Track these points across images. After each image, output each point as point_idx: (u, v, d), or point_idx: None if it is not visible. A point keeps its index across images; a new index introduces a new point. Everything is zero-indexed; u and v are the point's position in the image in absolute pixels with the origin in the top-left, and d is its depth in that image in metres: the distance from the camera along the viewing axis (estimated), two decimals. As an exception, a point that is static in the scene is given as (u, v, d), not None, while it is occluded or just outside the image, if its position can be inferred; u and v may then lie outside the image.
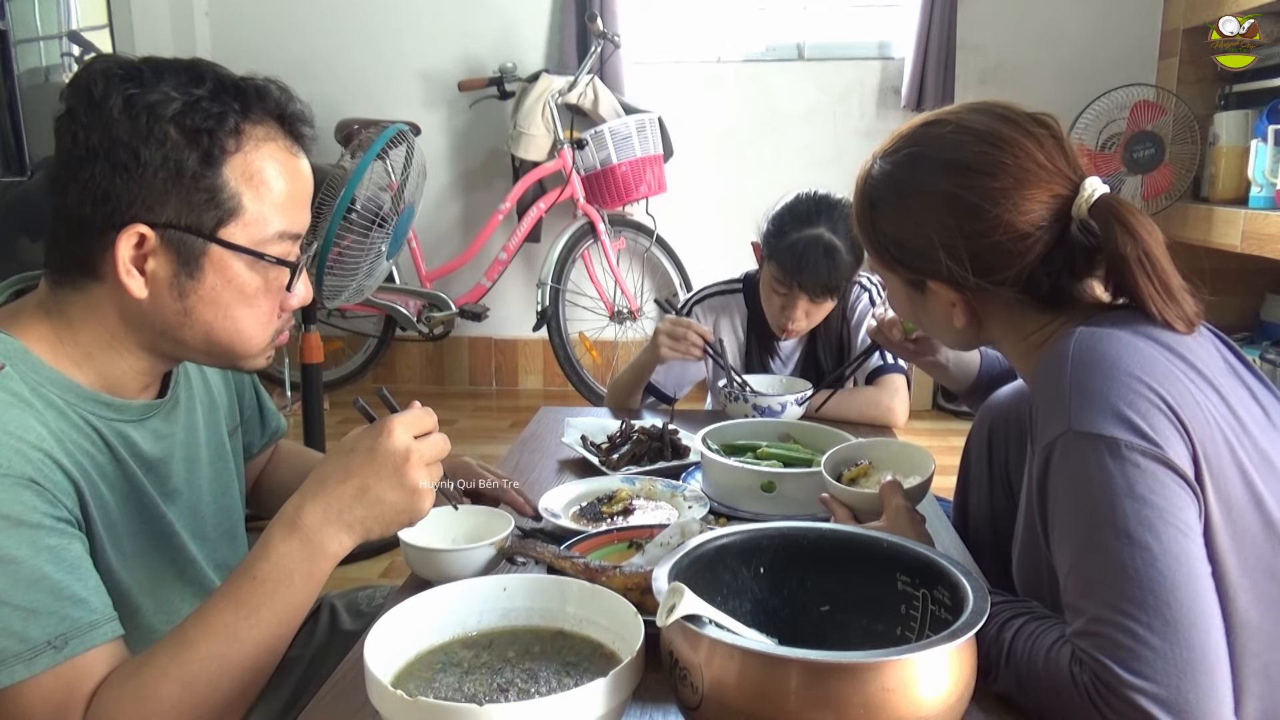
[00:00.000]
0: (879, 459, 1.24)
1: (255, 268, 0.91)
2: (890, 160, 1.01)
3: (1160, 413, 0.83)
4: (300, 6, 3.99)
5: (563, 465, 1.51)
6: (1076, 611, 0.81)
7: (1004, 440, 1.24)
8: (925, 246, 0.97)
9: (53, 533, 0.82)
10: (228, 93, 0.88)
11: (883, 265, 1.05)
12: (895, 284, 1.06)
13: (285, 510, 0.86)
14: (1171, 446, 0.82)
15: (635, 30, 3.89)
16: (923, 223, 0.97)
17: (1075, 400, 0.85)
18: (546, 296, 3.59)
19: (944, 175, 0.95)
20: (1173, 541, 0.79)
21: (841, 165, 4.09)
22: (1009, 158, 0.93)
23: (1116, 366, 0.85)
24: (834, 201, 1.78)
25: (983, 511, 1.27)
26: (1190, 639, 0.76)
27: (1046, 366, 0.90)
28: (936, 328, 1.08)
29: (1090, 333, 0.89)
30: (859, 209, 1.05)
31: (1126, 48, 3.70)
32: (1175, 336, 0.92)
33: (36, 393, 0.87)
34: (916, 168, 0.99)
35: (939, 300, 1.01)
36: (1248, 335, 3.45)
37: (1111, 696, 0.75)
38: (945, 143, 0.97)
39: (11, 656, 0.78)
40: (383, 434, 0.86)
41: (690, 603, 0.70)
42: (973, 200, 0.93)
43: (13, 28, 2.67)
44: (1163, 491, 0.80)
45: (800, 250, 1.71)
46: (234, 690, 0.83)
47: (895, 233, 1.01)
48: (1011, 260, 0.94)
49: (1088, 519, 0.82)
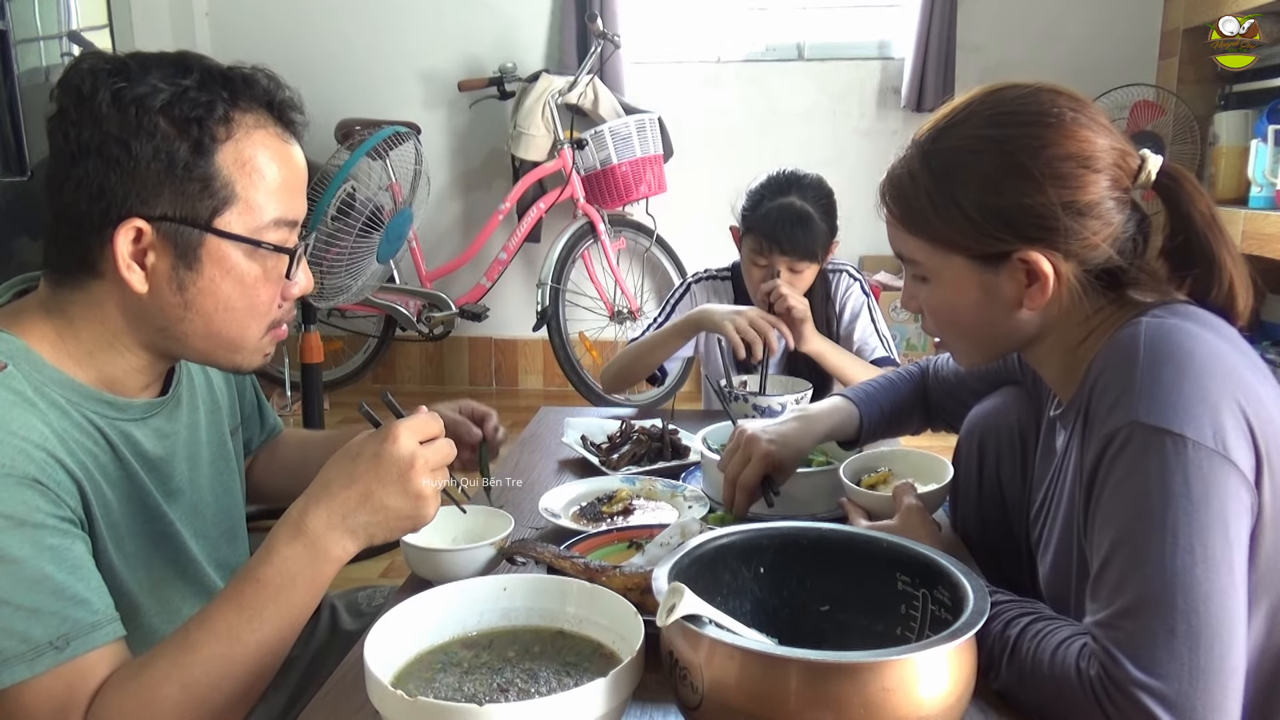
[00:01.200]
0: (899, 467, 1.26)
1: (253, 256, 0.91)
2: (972, 125, 0.93)
3: (1232, 413, 0.80)
4: (300, 6, 3.99)
5: (563, 465, 1.52)
6: (1101, 601, 0.79)
7: (995, 452, 1.23)
8: (1035, 206, 0.88)
9: (55, 533, 0.82)
10: (215, 81, 0.88)
11: (948, 242, 0.93)
12: (950, 269, 0.94)
13: (290, 514, 0.86)
14: (1238, 449, 0.79)
15: (635, 30, 3.89)
16: (1034, 179, 0.88)
17: (1146, 391, 0.82)
18: (546, 296, 3.59)
19: (1043, 127, 0.89)
20: (1217, 549, 0.77)
21: (841, 165, 4.08)
22: (1099, 118, 0.91)
23: (1191, 360, 0.82)
24: (802, 175, 1.87)
25: (972, 522, 1.27)
26: (1211, 649, 0.74)
27: (1114, 355, 0.87)
28: (987, 322, 0.96)
29: (1159, 323, 0.86)
30: (914, 191, 0.94)
31: (1126, 48, 3.70)
32: (1233, 331, 0.90)
33: (39, 392, 0.87)
34: (1009, 122, 0.91)
35: (1013, 278, 0.92)
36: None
37: (1116, 692, 0.74)
38: (1030, 100, 0.91)
39: (13, 656, 0.78)
40: (388, 440, 0.86)
41: (690, 603, 0.70)
42: (1078, 150, 0.88)
43: (13, 28, 2.67)
44: (1220, 496, 0.78)
45: (774, 216, 1.78)
46: (235, 692, 0.83)
47: (983, 198, 0.90)
48: (1113, 219, 0.90)
49: (1136, 512, 0.80)
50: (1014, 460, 1.20)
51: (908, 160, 0.96)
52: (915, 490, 1.09)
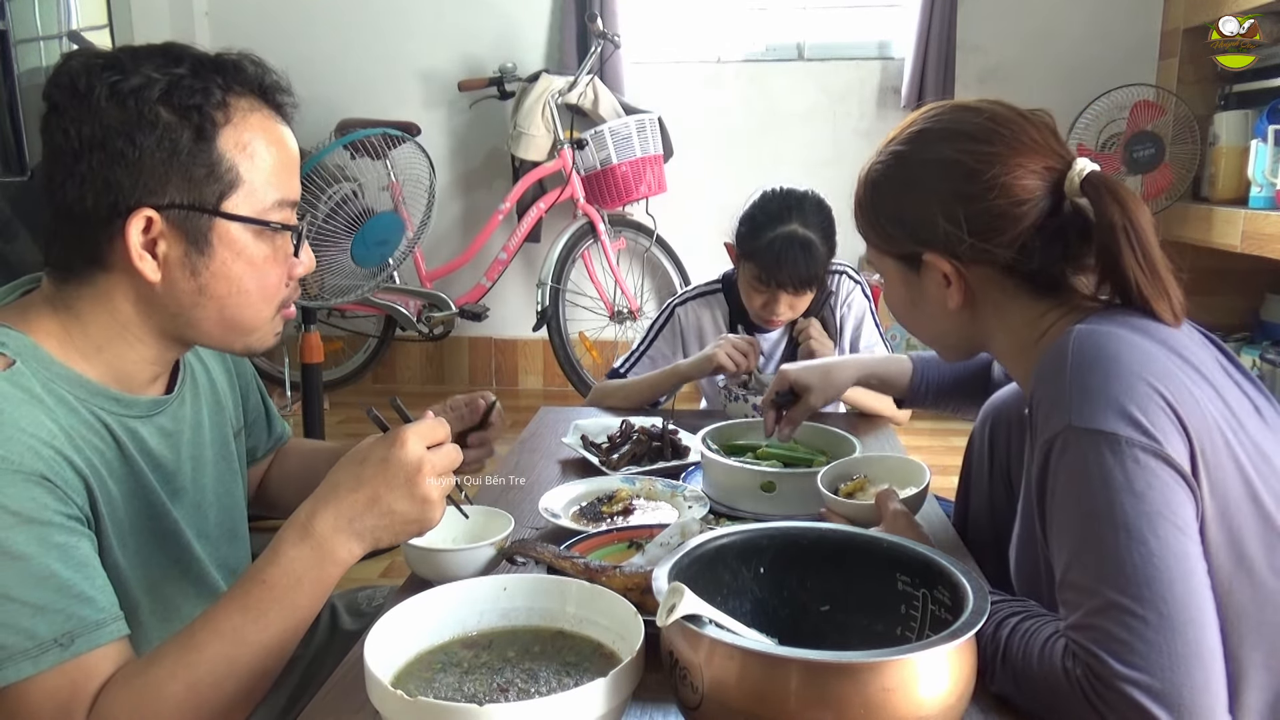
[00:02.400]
0: (875, 473, 1.25)
1: (262, 236, 0.93)
2: (895, 143, 1.05)
3: (1160, 409, 0.83)
4: (300, 6, 3.99)
5: (563, 465, 1.52)
6: (1072, 605, 0.81)
7: (1005, 440, 1.24)
8: (924, 215, 0.99)
9: (62, 530, 0.82)
10: (207, 68, 0.89)
11: (880, 248, 1.06)
12: (892, 271, 1.07)
13: (297, 516, 0.87)
14: (1171, 443, 0.82)
15: (635, 30, 3.89)
16: (922, 189, 1.00)
17: (1076, 396, 0.85)
18: (546, 296, 3.59)
19: (944, 143, 1.00)
20: (1170, 537, 0.79)
21: (841, 165, 4.09)
22: (1004, 129, 0.97)
23: (1116, 362, 0.86)
24: (801, 195, 1.81)
25: (983, 511, 1.28)
26: (1186, 634, 0.76)
27: (1046, 364, 0.91)
28: (930, 319, 1.07)
29: (1089, 330, 0.90)
30: (861, 196, 1.07)
31: (1126, 48, 3.70)
32: (1169, 332, 0.93)
33: (47, 389, 0.87)
34: (918, 140, 1.03)
35: (933, 280, 1.02)
36: (1248, 335, 3.45)
37: (1105, 689, 0.75)
38: (946, 119, 1.02)
39: (18, 653, 0.78)
40: (396, 444, 0.86)
41: (690, 603, 0.70)
42: (970, 163, 0.96)
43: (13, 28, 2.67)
44: (1161, 488, 0.81)
45: (778, 249, 1.74)
46: (239, 693, 0.83)
47: (895, 207, 1.03)
48: (1005, 224, 0.95)
49: (1086, 513, 0.82)
50: (1022, 449, 1.20)
51: (865, 168, 1.09)
52: (898, 495, 1.09)
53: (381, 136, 3.30)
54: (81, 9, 3.05)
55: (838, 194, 1.88)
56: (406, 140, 3.34)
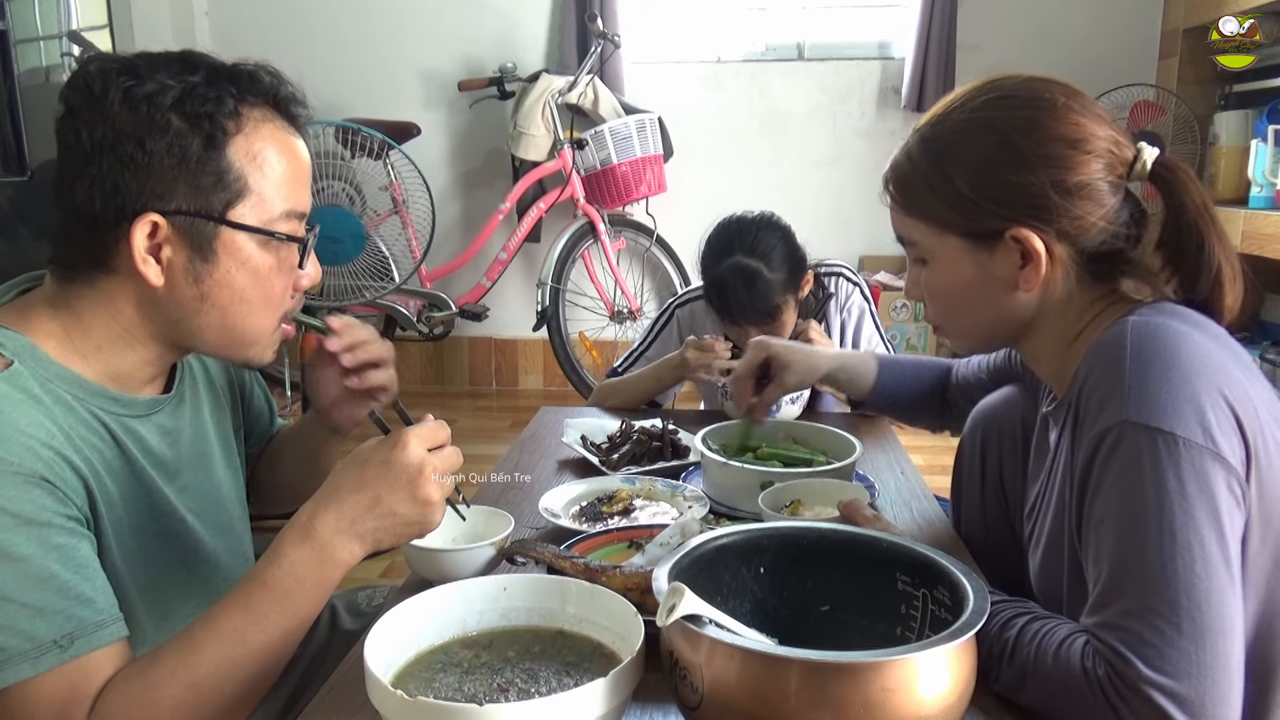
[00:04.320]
0: (808, 496, 1.20)
1: (267, 247, 0.93)
2: (966, 110, 0.96)
3: (1222, 409, 0.81)
4: (300, 7, 3.99)
5: (563, 465, 1.52)
6: (1104, 604, 0.79)
7: (997, 449, 1.23)
8: (1027, 184, 0.90)
9: (62, 531, 0.82)
10: (222, 77, 0.90)
11: (945, 225, 0.96)
12: (952, 251, 0.96)
13: (299, 517, 0.87)
14: (1229, 445, 0.80)
15: (635, 30, 3.89)
16: (1026, 156, 0.91)
17: (1134, 390, 0.82)
18: (546, 296, 3.59)
19: (1036, 110, 0.92)
20: (1213, 546, 0.77)
21: (841, 165, 4.11)
22: (1080, 100, 0.93)
23: (1176, 358, 0.83)
24: (749, 221, 1.77)
25: (975, 520, 1.27)
26: (1216, 645, 0.75)
27: (1100, 354, 0.87)
28: (984, 304, 0.98)
29: (1145, 322, 0.87)
30: (912, 173, 0.98)
31: (1126, 48, 3.70)
32: (1218, 329, 0.90)
33: (46, 389, 0.87)
34: (1004, 106, 0.94)
35: (1008, 260, 0.94)
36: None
37: (1128, 691, 0.74)
38: (1027, 87, 0.94)
39: (17, 655, 0.78)
40: (397, 447, 0.87)
41: (690, 603, 0.70)
42: (1070, 133, 0.90)
43: (13, 28, 2.66)
44: (1212, 494, 0.79)
45: (721, 285, 1.72)
46: (239, 694, 0.83)
47: (976, 177, 0.93)
48: (1104, 198, 0.91)
49: (1133, 512, 0.80)
50: (1015, 456, 1.20)
51: (908, 147, 1.00)
52: (859, 506, 1.04)
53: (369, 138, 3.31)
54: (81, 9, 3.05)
55: (838, 193, 1.88)
56: (394, 149, 3.34)
